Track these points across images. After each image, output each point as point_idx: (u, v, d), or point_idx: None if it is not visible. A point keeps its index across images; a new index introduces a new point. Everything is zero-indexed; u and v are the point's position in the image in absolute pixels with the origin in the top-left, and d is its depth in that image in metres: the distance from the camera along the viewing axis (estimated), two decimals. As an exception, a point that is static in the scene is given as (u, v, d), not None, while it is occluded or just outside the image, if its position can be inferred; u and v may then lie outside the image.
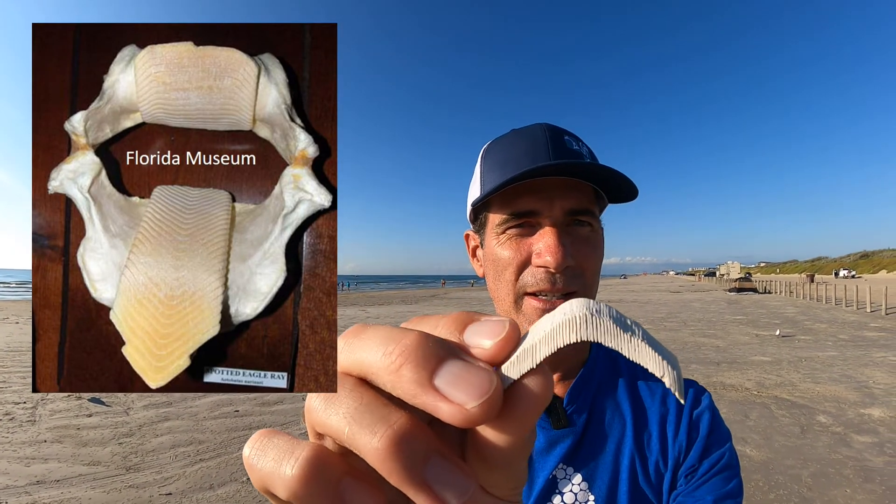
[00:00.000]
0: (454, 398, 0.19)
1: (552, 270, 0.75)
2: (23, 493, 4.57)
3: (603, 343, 0.21)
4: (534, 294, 0.78)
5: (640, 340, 0.22)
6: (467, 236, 0.96)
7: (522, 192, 0.78)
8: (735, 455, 0.81)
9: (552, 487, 0.78)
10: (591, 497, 0.77)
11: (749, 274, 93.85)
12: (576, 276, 0.78)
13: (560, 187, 0.78)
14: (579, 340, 0.21)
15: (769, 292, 43.24)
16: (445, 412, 0.19)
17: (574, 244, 0.78)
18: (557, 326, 0.22)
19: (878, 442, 5.77)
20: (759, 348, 12.59)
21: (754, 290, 44.25)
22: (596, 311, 0.22)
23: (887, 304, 22.18)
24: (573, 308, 0.22)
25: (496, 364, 0.21)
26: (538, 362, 0.21)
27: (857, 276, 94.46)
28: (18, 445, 5.74)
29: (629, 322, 0.23)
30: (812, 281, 44.81)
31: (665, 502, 0.77)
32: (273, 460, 0.22)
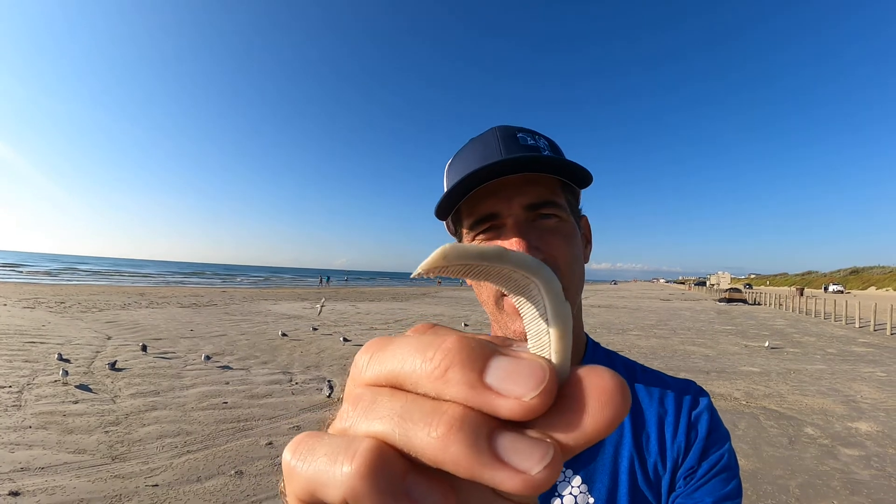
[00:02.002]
0: (510, 392, 0.18)
1: None
2: (6, 480, 4.51)
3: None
4: None
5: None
6: None
7: (483, 196, 0.78)
8: (734, 456, 0.80)
9: (552, 489, 0.77)
10: (591, 499, 0.76)
11: (749, 285, 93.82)
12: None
13: (516, 184, 0.77)
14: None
15: (759, 304, 43.43)
16: (505, 408, 0.18)
17: (541, 237, 0.77)
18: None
19: (865, 455, 5.82)
20: (748, 359, 12.66)
21: (744, 301, 44.47)
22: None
23: (876, 320, 22.33)
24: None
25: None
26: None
27: (846, 291, 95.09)
28: (3, 431, 5.68)
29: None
30: (802, 294, 45.09)
31: (664, 503, 0.77)
32: (326, 458, 0.19)
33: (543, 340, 0.21)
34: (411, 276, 0.22)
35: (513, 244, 0.75)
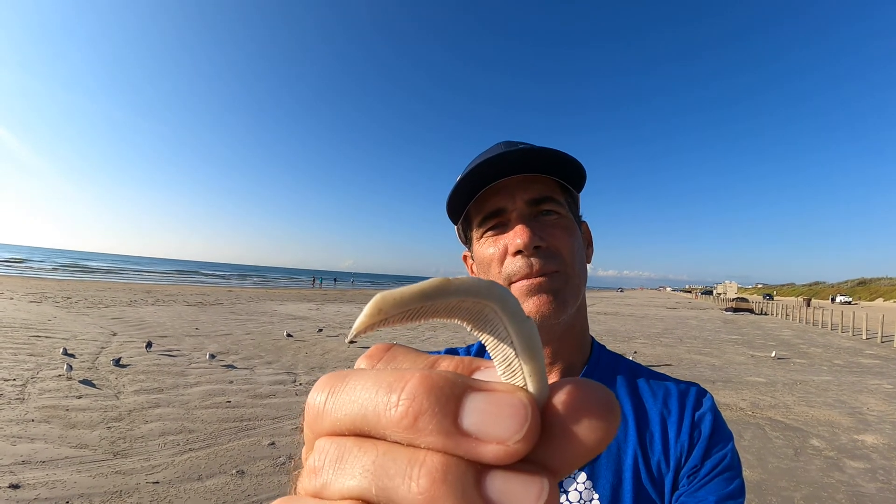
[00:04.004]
0: (491, 437, 0.16)
1: (524, 252, 0.81)
2: (7, 473, 4.52)
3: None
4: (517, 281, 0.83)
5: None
6: (465, 257, 1.03)
7: (489, 196, 0.87)
8: (737, 456, 0.82)
9: (557, 486, 0.77)
10: (596, 495, 0.77)
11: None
12: (552, 256, 0.83)
13: (519, 183, 0.85)
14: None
15: (765, 314, 43.20)
16: (488, 454, 0.16)
17: (543, 228, 0.84)
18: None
19: (871, 468, 5.75)
20: (755, 369, 12.58)
21: (750, 311, 44.23)
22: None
23: (883, 332, 22.11)
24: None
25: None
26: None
27: (853, 302, 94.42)
28: (5, 423, 5.70)
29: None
30: (808, 305, 44.83)
31: (667, 502, 0.78)
32: None
33: (514, 365, 0.19)
34: (346, 341, 0.20)
35: (518, 232, 0.81)
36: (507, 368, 0.19)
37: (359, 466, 0.17)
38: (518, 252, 0.82)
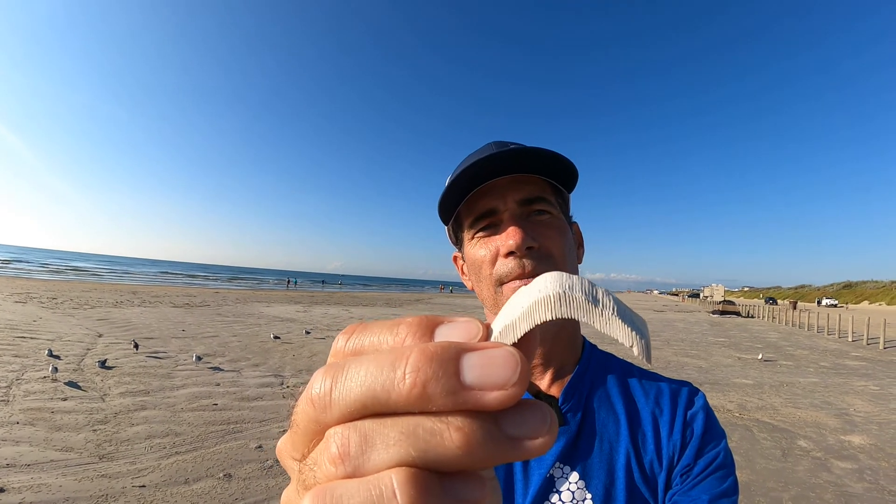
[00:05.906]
0: (492, 385, 0.18)
1: (516, 253, 0.80)
2: (-10, 476, 4.45)
3: (576, 318, 0.22)
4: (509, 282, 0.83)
5: (610, 314, 0.22)
6: (455, 258, 1.03)
7: (480, 197, 0.85)
8: (730, 454, 0.82)
9: (550, 486, 0.79)
10: (588, 495, 0.77)
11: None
12: (544, 258, 0.83)
13: (510, 183, 0.84)
14: (553, 318, 0.22)
15: (752, 317, 43.55)
16: (493, 401, 0.18)
17: (535, 229, 0.83)
18: (534, 304, 0.23)
19: (858, 468, 5.81)
20: (742, 371, 12.68)
21: (737, 314, 44.56)
22: (569, 286, 0.23)
23: (869, 334, 22.40)
24: (547, 285, 0.23)
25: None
26: (518, 337, 0.22)
27: (839, 305, 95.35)
28: (-11, 427, 5.60)
29: (600, 295, 0.23)
30: (795, 308, 45.28)
31: (661, 501, 0.78)
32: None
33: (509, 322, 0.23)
34: (645, 358, 0.24)
35: (510, 233, 0.81)
36: (505, 332, 0.23)
37: (390, 438, 0.18)
38: (510, 253, 0.81)
